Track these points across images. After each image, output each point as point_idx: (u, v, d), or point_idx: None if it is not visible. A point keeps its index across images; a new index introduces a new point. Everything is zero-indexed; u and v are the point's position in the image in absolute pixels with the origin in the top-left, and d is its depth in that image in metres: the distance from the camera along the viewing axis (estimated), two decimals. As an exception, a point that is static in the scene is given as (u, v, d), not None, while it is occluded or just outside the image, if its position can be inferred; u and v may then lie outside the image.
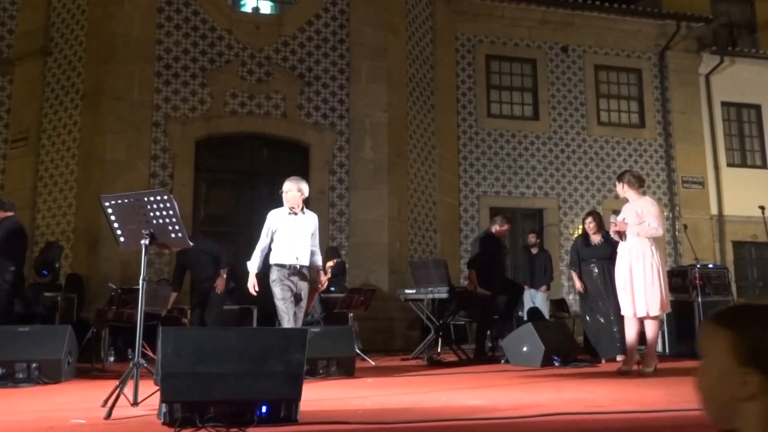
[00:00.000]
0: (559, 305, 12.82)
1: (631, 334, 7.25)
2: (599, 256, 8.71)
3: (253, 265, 6.72)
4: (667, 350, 8.01)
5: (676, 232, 15.45)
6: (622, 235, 7.17)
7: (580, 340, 9.94)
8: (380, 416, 4.22)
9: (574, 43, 16.08)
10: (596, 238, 8.87)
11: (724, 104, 17.12)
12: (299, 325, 6.63)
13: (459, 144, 14.95)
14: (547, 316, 11.30)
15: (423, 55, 14.05)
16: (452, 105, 14.98)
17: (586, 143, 15.79)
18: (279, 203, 6.90)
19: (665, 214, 15.70)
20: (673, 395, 5.30)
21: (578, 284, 8.97)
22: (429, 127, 13.99)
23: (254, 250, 6.79)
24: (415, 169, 13.24)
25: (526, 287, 11.59)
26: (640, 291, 7.09)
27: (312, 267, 6.81)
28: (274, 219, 6.77)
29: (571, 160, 15.57)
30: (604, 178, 15.66)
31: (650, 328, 7.18)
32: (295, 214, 6.77)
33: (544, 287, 11.71)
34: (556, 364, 7.99)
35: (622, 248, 7.32)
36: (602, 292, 8.64)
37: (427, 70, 14.17)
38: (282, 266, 6.64)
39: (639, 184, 7.50)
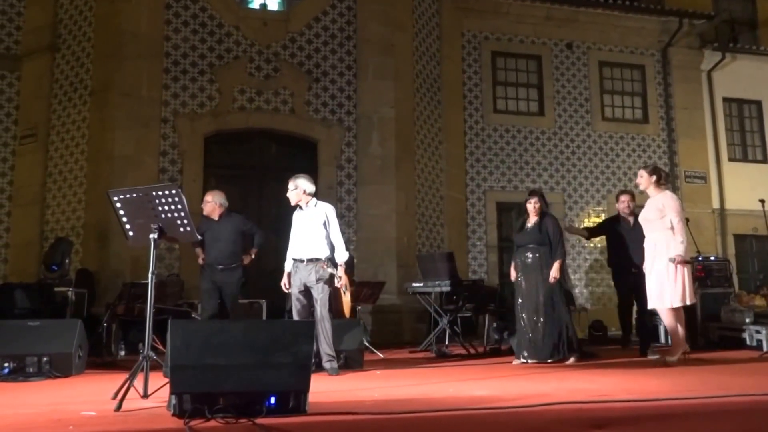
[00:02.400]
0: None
1: (673, 325, 7.35)
2: (535, 241, 7.83)
3: (287, 264, 7.04)
4: (669, 341, 8.05)
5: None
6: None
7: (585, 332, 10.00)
8: (388, 407, 4.27)
9: (579, 40, 16.10)
10: (531, 221, 7.95)
11: (725, 100, 17.13)
12: (320, 316, 6.74)
13: (465, 139, 14.99)
14: None
15: (429, 51, 14.08)
16: (459, 101, 15.01)
17: (591, 138, 15.83)
18: (286, 198, 7.06)
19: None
20: (675, 384, 5.36)
21: (513, 274, 8.00)
22: (436, 122, 14.03)
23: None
24: (423, 164, 13.29)
25: None
26: (662, 283, 7.18)
27: (327, 260, 6.85)
28: (293, 218, 7.09)
29: (575, 155, 15.61)
30: (608, 173, 15.71)
31: (666, 318, 7.32)
32: (301, 209, 7.01)
33: None
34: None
35: (648, 242, 7.45)
36: (527, 282, 7.80)
37: (433, 67, 14.21)
38: (293, 261, 6.94)
39: (666, 180, 7.62)
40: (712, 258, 10.34)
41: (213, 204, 8.07)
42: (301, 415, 3.92)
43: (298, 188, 6.95)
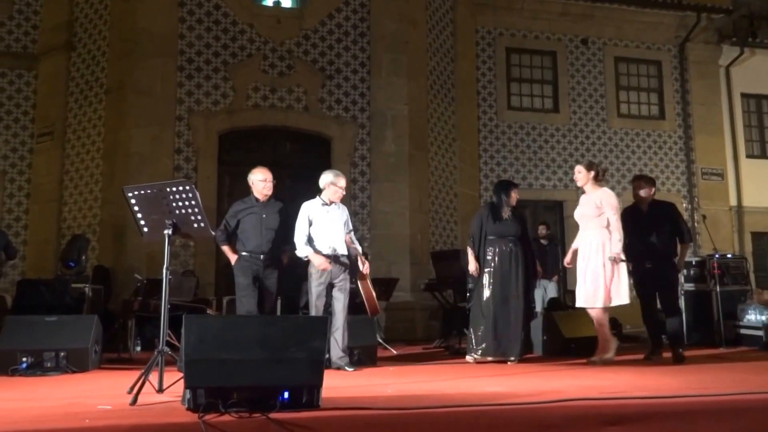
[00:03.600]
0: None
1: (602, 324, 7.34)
2: (512, 233, 7.61)
3: (306, 249, 6.85)
4: (685, 339, 7.98)
5: (695, 223, 15.38)
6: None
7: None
8: (401, 402, 4.27)
9: (594, 35, 16.03)
10: (507, 212, 7.67)
11: (743, 96, 17.00)
12: (343, 311, 6.85)
13: (479, 136, 14.97)
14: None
15: (443, 48, 14.07)
16: (473, 98, 14.99)
17: (606, 135, 15.76)
18: (301, 195, 7.06)
19: (684, 205, 15.67)
20: (691, 382, 5.34)
21: (473, 266, 7.63)
22: (450, 119, 14.02)
23: (297, 241, 6.91)
24: (436, 161, 13.28)
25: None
26: (594, 282, 7.11)
27: (351, 255, 7.02)
28: (310, 210, 7.00)
29: (590, 152, 15.54)
30: (624, 170, 15.63)
31: (596, 318, 7.24)
32: (328, 205, 7.02)
33: (555, 277, 11.84)
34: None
35: (582, 239, 7.37)
36: (505, 274, 7.49)
37: (447, 63, 14.19)
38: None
39: (603, 176, 7.58)
40: (729, 255, 10.27)
41: (272, 183, 7.09)
42: (314, 410, 3.92)
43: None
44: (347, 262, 6.97)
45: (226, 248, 6.99)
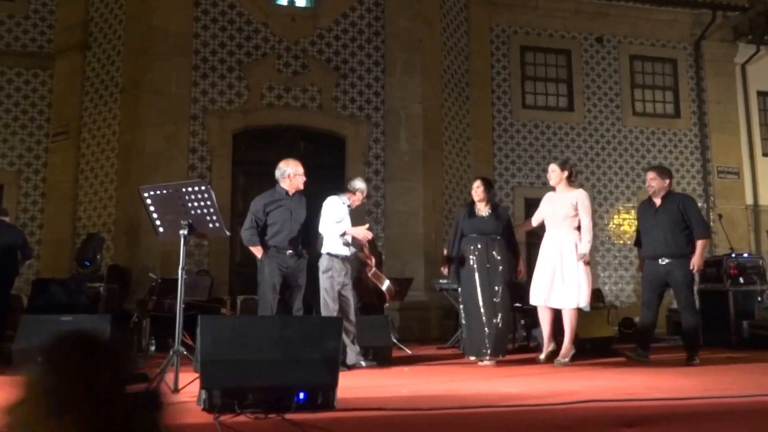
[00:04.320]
0: (594, 295, 12.75)
1: (546, 323, 7.34)
2: (490, 230, 7.39)
3: (340, 226, 6.89)
4: (701, 340, 7.90)
5: (711, 222, 15.29)
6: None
7: (615, 330, 9.91)
8: (416, 403, 4.27)
9: (609, 34, 15.94)
10: (484, 209, 7.51)
11: (759, 94, 16.84)
12: (352, 307, 6.96)
13: (494, 135, 14.92)
14: None
15: (458, 46, 14.04)
16: (487, 96, 14.93)
17: (621, 134, 15.67)
18: (315, 194, 7.07)
19: (699, 204, 15.56)
20: (708, 383, 5.30)
21: (445, 268, 7.59)
22: (464, 118, 13.99)
23: (327, 228, 6.93)
24: (450, 160, 13.26)
25: None
26: (571, 282, 7.17)
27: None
28: (340, 207, 7.04)
29: (605, 151, 15.47)
30: (638, 168, 15.53)
31: (572, 318, 7.27)
32: (348, 207, 7.12)
33: None
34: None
35: (552, 238, 7.38)
36: (477, 275, 7.27)
37: (461, 62, 14.15)
38: (335, 256, 6.91)
39: (576, 177, 7.59)
40: (746, 255, 10.20)
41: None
42: (329, 410, 3.93)
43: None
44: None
45: (256, 249, 6.71)
